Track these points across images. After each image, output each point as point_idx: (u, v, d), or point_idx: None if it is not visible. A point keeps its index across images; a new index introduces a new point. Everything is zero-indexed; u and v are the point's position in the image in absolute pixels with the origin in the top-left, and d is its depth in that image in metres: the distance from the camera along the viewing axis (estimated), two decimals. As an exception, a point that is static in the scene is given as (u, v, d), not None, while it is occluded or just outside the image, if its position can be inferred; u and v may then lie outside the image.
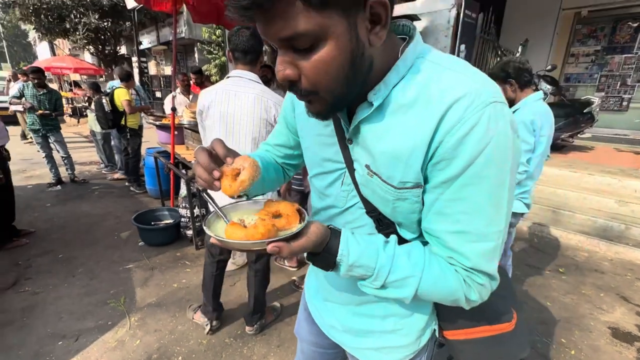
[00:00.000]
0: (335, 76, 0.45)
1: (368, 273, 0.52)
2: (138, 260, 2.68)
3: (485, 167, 0.45)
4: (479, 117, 0.43)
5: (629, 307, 2.23)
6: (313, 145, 0.66)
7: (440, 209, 0.50)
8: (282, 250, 0.47)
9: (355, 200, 0.61)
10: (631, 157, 4.55)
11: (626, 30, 6.23)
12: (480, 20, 4.14)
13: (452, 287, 0.52)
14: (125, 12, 9.99)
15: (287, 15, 0.39)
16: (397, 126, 0.49)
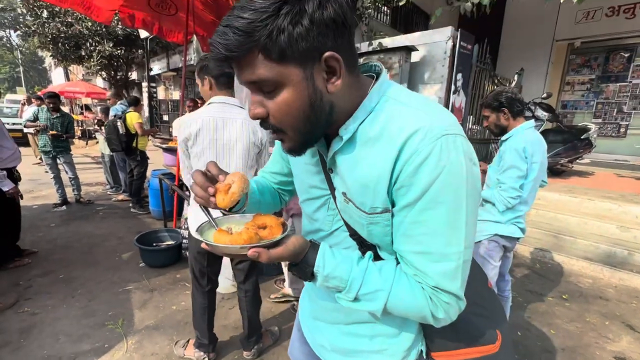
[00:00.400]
0: (297, 116, 0.52)
1: (342, 285, 0.57)
2: (138, 281, 2.68)
3: (440, 193, 0.50)
4: (431, 149, 0.49)
5: (635, 336, 2.18)
6: (301, 173, 0.72)
7: (405, 231, 0.55)
8: (261, 255, 0.53)
9: (340, 224, 0.66)
10: (632, 183, 4.57)
11: (619, 60, 6.45)
12: (476, 51, 4.32)
13: (419, 303, 0.55)
14: (138, 40, 10.50)
15: (252, 64, 0.48)
16: (365, 158, 0.56)
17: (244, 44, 0.45)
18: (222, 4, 3.47)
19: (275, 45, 0.46)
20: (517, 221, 1.73)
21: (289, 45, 0.46)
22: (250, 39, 0.45)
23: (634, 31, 6.00)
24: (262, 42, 0.45)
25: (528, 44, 6.93)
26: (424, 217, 0.52)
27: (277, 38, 0.45)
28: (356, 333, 0.70)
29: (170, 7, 3.53)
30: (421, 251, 0.54)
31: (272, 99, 0.51)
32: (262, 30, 0.45)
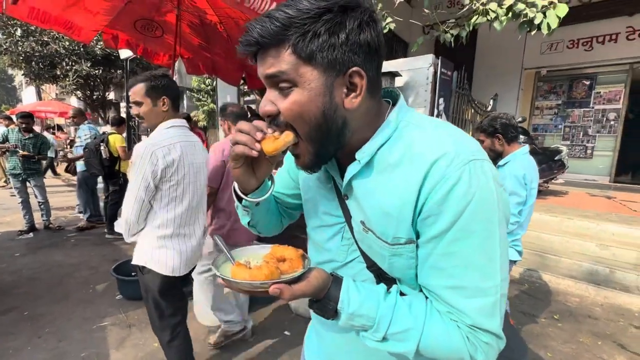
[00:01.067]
0: (308, 121, 0.51)
1: (369, 323, 0.52)
2: (114, 315, 2.46)
3: (471, 221, 0.47)
4: (459, 175, 0.47)
5: (628, 355, 2.20)
6: (314, 198, 0.68)
7: (434, 263, 0.51)
8: (284, 292, 0.49)
9: (356, 255, 0.61)
10: (604, 201, 4.82)
11: (581, 87, 6.99)
12: (455, 77, 4.54)
13: (455, 344, 0.50)
14: (118, 61, 10.33)
15: (278, 57, 0.48)
16: (385, 184, 0.53)
17: (277, 34, 0.47)
18: (209, 28, 3.49)
19: (306, 45, 0.47)
20: (515, 244, 1.75)
21: (319, 50, 0.47)
22: (285, 32, 0.47)
23: (592, 62, 6.56)
24: (295, 39, 0.47)
25: (499, 72, 7.40)
26: (455, 248, 0.48)
27: (311, 40, 0.47)
28: None
29: (156, 30, 3.50)
30: (454, 286, 0.50)
31: (286, 97, 0.50)
32: (298, 28, 0.46)
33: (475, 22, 3.40)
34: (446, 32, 3.68)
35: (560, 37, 6.68)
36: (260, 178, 0.62)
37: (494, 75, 7.45)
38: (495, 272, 0.49)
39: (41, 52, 9.43)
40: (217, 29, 3.46)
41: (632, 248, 3.25)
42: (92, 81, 11.57)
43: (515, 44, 6.78)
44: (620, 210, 4.26)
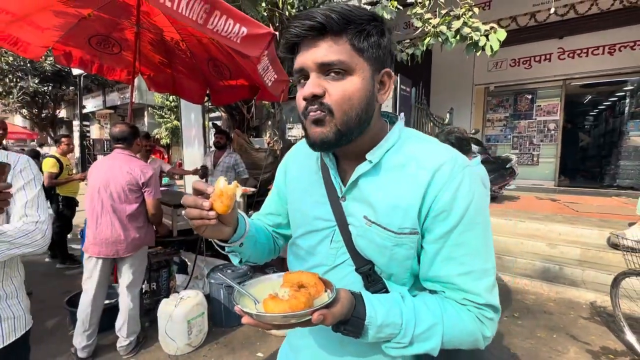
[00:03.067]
0: (353, 104, 0.56)
1: (395, 331, 0.54)
2: (66, 352, 2.23)
3: (475, 214, 0.57)
4: (462, 177, 0.57)
5: (579, 345, 2.39)
6: (303, 206, 0.70)
7: (446, 255, 0.57)
8: (327, 317, 0.49)
9: (345, 258, 0.64)
10: (550, 204, 5.28)
11: (525, 101, 7.71)
12: (414, 93, 4.82)
13: (469, 327, 0.57)
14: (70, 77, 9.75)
15: (338, 46, 0.55)
16: (393, 181, 0.60)
17: (341, 24, 0.54)
18: (170, 46, 3.44)
19: (361, 40, 0.55)
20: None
21: (370, 46, 0.56)
22: (346, 25, 0.54)
23: (532, 78, 7.29)
24: (354, 32, 0.55)
25: (453, 88, 7.97)
26: (465, 238, 0.57)
27: (365, 36, 0.55)
28: None
29: (113, 46, 3.38)
30: (466, 271, 0.57)
31: (339, 81, 0.55)
32: (357, 25, 0.55)
33: (428, 42, 3.68)
34: (402, 52, 3.93)
35: (504, 56, 7.38)
36: (230, 224, 0.62)
37: (449, 91, 8.00)
38: (492, 255, 0.60)
39: (-20, 68, 8.68)
40: (179, 46, 3.42)
41: (576, 245, 3.58)
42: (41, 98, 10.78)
43: (465, 63, 7.35)
44: (564, 211, 4.69)
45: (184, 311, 2.20)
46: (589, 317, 2.80)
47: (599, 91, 8.42)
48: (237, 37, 2.05)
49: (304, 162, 0.74)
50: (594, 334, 2.54)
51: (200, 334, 2.33)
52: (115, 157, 2.17)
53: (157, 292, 2.67)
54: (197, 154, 5.45)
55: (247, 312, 0.49)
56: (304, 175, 0.73)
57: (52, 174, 3.73)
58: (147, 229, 2.26)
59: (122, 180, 2.10)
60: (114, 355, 2.22)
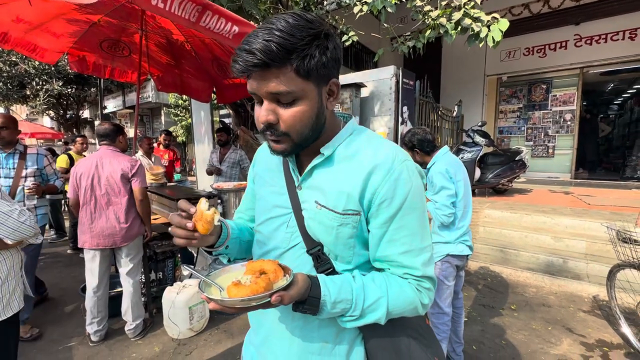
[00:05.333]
0: (306, 124, 0.64)
1: (347, 306, 0.63)
2: (82, 335, 2.44)
3: (414, 201, 0.66)
4: (402, 169, 0.66)
5: (574, 337, 2.38)
6: (266, 195, 0.79)
7: (389, 237, 0.67)
8: (284, 298, 0.56)
9: (297, 241, 0.72)
10: (562, 197, 5.13)
11: (539, 91, 7.44)
12: (418, 86, 4.79)
13: (410, 297, 0.67)
14: (92, 79, 10.21)
15: (282, 77, 0.58)
16: (341, 171, 0.69)
17: (283, 57, 0.57)
18: (176, 47, 3.59)
19: (305, 65, 0.59)
20: (464, 239, 1.90)
21: (314, 68, 0.60)
22: (288, 56, 0.57)
23: (546, 67, 7.03)
24: (297, 61, 0.58)
25: (464, 79, 7.80)
26: (404, 222, 0.66)
27: (309, 61, 0.59)
28: None
29: (124, 49, 3.57)
30: (406, 250, 0.67)
31: (289, 108, 0.62)
32: (299, 52, 0.58)
33: (429, 35, 3.65)
34: (403, 44, 3.92)
35: (517, 45, 7.15)
36: (212, 234, 0.71)
37: (459, 83, 7.84)
38: (428, 235, 0.70)
39: (9, 72, 9.22)
40: (185, 47, 3.56)
41: (582, 239, 3.50)
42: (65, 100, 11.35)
43: (477, 53, 7.19)
44: (576, 204, 4.55)
45: (186, 298, 2.36)
46: (589, 310, 2.76)
47: (621, 78, 8.00)
48: (229, 33, 2.16)
49: (268, 156, 0.83)
50: (591, 327, 2.51)
51: (201, 319, 2.49)
52: (102, 153, 2.31)
53: (164, 281, 2.85)
54: (208, 151, 5.64)
55: (212, 298, 0.54)
56: (268, 169, 0.82)
57: (62, 169, 4.01)
58: (140, 218, 2.40)
59: (114, 173, 2.25)
60: (124, 338, 2.41)
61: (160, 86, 4.07)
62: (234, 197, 3.07)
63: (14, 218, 1.30)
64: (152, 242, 2.63)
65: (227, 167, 4.05)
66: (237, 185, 3.12)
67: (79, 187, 2.26)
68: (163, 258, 2.86)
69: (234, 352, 2.24)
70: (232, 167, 4.04)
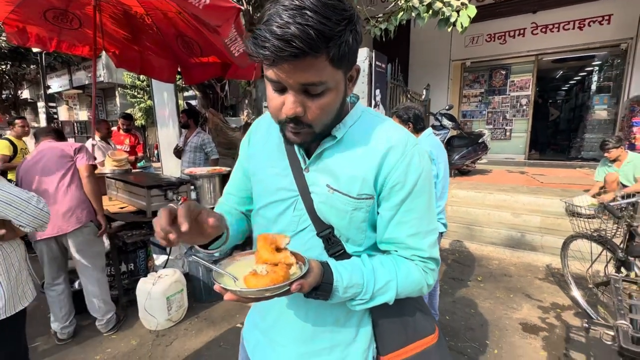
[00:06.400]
0: (331, 114, 0.61)
1: (358, 290, 0.63)
2: (46, 335, 2.27)
3: (424, 184, 0.66)
4: (414, 153, 0.66)
5: (532, 302, 2.64)
6: (267, 178, 0.74)
7: (399, 220, 0.67)
8: (304, 286, 0.55)
9: (306, 224, 0.70)
10: (519, 177, 5.55)
11: (499, 77, 7.86)
12: (389, 70, 4.83)
13: (417, 278, 0.68)
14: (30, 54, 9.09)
15: (315, 67, 0.52)
16: (354, 154, 0.67)
17: (321, 46, 0.50)
18: (135, 21, 3.28)
19: (339, 54, 0.53)
20: (440, 218, 1.98)
21: (347, 56, 0.55)
22: (326, 44, 0.50)
23: (506, 54, 7.41)
24: (333, 50, 0.52)
25: (431, 63, 7.99)
26: (414, 205, 0.66)
27: (343, 49, 0.53)
28: (315, 349, 0.72)
29: (72, 21, 3.18)
30: (414, 233, 0.67)
31: (317, 99, 0.57)
32: (336, 40, 0.51)
33: (401, 17, 3.66)
34: (375, 27, 3.90)
35: (480, 31, 7.42)
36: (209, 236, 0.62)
37: (427, 67, 8.03)
38: (434, 218, 0.71)
39: None
40: (145, 21, 3.26)
41: (537, 214, 3.83)
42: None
43: (443, 38, 7.37)
44: (531, 183, 4.96)
45: (162, 288, 2.27)
46: (544, 277, 3.06)
47: (569, 66, 8.67)
48: (199, 3, 2.00)
49: (265, 135, 0.78)
50: (546, 292, 2.80)
51: (180, 309, 2.41)
52: (43, 145, 2.16)
53: (135, 272, 2.71)
54: (173, 135, 5.33)
55: (230, 289, 0.52)
56: (266, 148, 0.77)
57: (4, 157, 3.59)
58: (88, 203, 2.19)
59: (53, 156, 2.08)
60: (97, 334, 2.28)
61: (118, 63, 3.73)
62: (208, 183, 2.94)
63: (33, 205, 1.30)
64: (121, 233, 2.47)
65: (189, 151, 3.85)
66: (210, 170, 3.00)
67: (22, 184, 2.06)
68: (134, 249, 2.70)
69: (218, 339, 2.21)
70: (195, 151, 3.82)
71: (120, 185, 2.96)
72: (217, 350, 2.11)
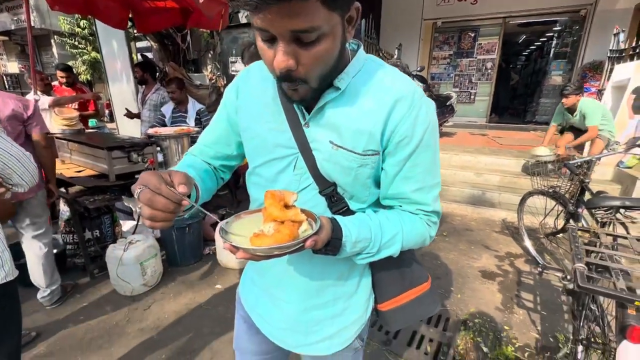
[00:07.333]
0: (328, 64, 0.54)
1: (366, 244, 0.63)
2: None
3: (430, 138, 0.64)
4: (421, 104, 0.62)
5: (490, 252, 2.92)
6: (262, 134, 0.68)
7: (404, 175, 0.65)
8: (318, 242, 0.54)
9: (308, 182, 0.67)
10: (480, 139, 5.85)
11: (467, 39, 7.90)
12: (363, 26, 4.64)
13: (421, 230, 0.69)
14: None
15: (306, 11, 0.45)
16: (359, 107, 0.62)
17: None
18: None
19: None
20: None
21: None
22: None
23: (475, 15, 7.40)
24: None
25: (403, 22, 7.80)
26: (420, 159, 0.64)
27: None
28: (320, 302, 0.74)
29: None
30: (420, 187, 0.66)
31: (310, 48, 0.50)
32: None
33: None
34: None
35: (452, -11, 7.27)
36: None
37: (398, 26, 7.83)
38: (439, 173, 0.70)
39: None
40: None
41: (497, 173, 4.12)
42: None
43: (416, -6, 7.14)
44: (491, 144, 5.26)
45: (135, 254, 2.18)
46: (500, 230, 3.38)
47: (532, 31, 8.91)
48: None
49: (258, 86, 0.70)
50: (502, 243, 3.10)
51: (155, 274, 2.36)
52: None
53: (102, 239, 2.56)
54: (127, 91, 4.84)
55: (242, 247, 0.50)
56: (260, 101, 0.70)
57: None
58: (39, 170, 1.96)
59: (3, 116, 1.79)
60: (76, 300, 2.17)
61: (55, 4, 3.18)
62: (176, 144, 2.75)
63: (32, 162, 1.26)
64: (81, 198, 2.28)
65: (147, 110, 3.49)
66: (177, 130, 2.79)
67: None
68: (97, 215, 2.53)
69: (198, 301, 2.22)
70: (155, 110, 3.45)
71: (75, 147, 2.68)
72: (199, 311, 2.12)
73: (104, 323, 2.00)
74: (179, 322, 2.02)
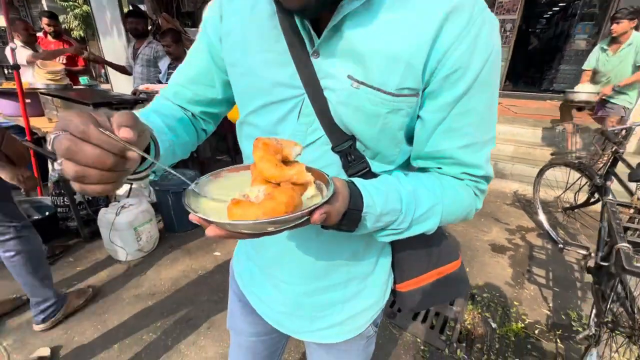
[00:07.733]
0: None
1: (394, 218, 0.46)
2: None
3: (490, 73, 0.44)
4: (483, 20, 0.42)
5: (500, 226, 2.80)
6: (257, 68, 0.49)
7: (449, 126, 0.47)
8: (331, 215, 0.38)
9: (318, 135, 0.49)
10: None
11: (488, -4, 7.26)
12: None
13: (466, 202, 0.52)
14: None
15: None
16: (393, 22, 0.42)
17: None
18: None
19: None
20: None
21: None
22: None
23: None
24: None
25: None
26: (472, 105, 0.45)
27: None
28: (328, 284, 0.60)
29: None
30: (467, 144, 0.48)
31: None
32: None
33: None
34: None
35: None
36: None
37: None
38: (495, 122, 0.50)
39: None
40: None
41: (510, 143, 3.91)
42: None
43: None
44: (505, 113, 4.96)
45: (128, 219, 2.06)
46: (511, 203, 3.24)
47: (559, -12, 8.18)
48: None
49: (248, 3, 0.50)
50: (513, 216, 2.97)
51: (151, 239, 2.26)
52: None
53: (94, 203, 2.45)
54: (119, 45, 4.53)
55: (215, 221, 0.33)
56: (253, 23, 0.49)
57: None
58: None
59: None
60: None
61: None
62: (169, 103, 2.55)
63: None
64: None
65: (139, 66, 3.21)
66: (171, 88, 2.56)
67: None
68: (88, 177, 2.39)
69: (196, 268, 2.14)
70: (148, 65, 3.15)
71: (60, 103, 2.48)
72: (196, 278, 2.05)
73: (98, 290, 1.93)
74: (175, 289, 1.95)
